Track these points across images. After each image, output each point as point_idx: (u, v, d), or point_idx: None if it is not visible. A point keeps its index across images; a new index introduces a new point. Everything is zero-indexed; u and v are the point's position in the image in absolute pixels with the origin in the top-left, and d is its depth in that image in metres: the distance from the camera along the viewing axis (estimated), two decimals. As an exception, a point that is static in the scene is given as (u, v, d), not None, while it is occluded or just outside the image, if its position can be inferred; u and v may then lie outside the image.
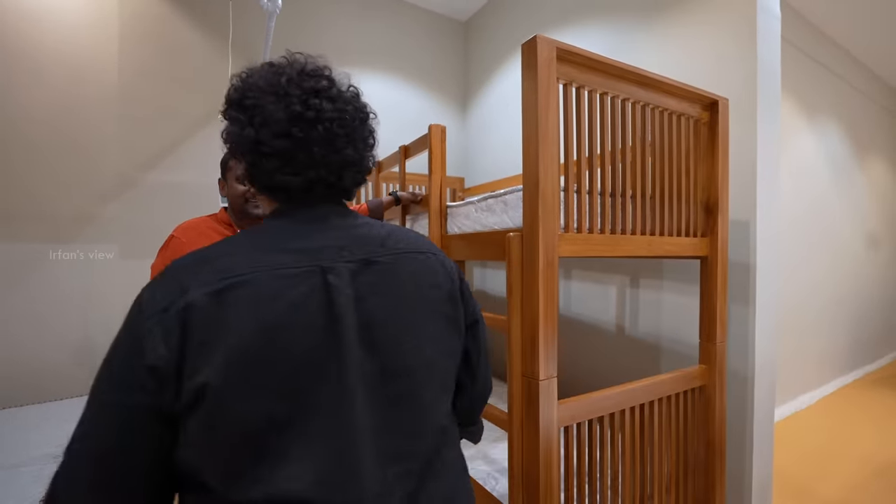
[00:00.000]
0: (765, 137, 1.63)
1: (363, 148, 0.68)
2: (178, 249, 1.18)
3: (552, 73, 1.08)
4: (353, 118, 0.66)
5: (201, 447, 0.50)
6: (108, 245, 2.22)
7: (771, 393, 1.69)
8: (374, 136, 0.71)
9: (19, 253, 2.04)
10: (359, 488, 0.54)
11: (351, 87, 0.69)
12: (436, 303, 0.64)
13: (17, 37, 2.02)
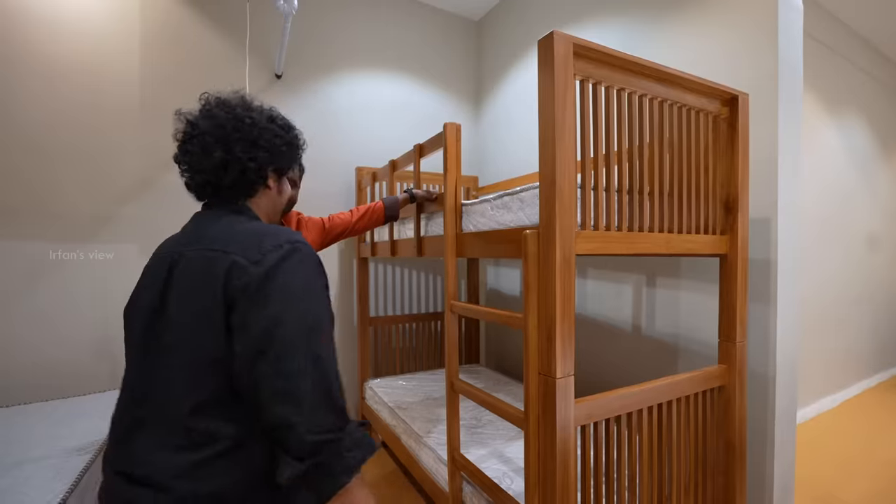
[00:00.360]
0: (786, 133, 1.60)
1: (241, 149, 0.81)
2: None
3: (569, 69, 1.07)
4: (227, 125, 0.81)
5: None
6: (128, 245, 2.27)
7: (793, 394, 1.65)
8: (260, 139, 0.84)
9: (42, 252, 2.09)
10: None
11: (239, 105, 0.86)
12: (203, 297, 0.70)
13: (41, 44, 2.07)
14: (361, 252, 2.62)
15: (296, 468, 0.63)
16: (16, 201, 2.04)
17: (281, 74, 2.57)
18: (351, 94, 2.83)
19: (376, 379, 2.66)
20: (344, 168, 2.79)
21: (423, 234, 1.80)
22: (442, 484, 1.65)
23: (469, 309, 1.43)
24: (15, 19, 2.02)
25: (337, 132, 2.78)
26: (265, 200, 0.90)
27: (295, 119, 2.67)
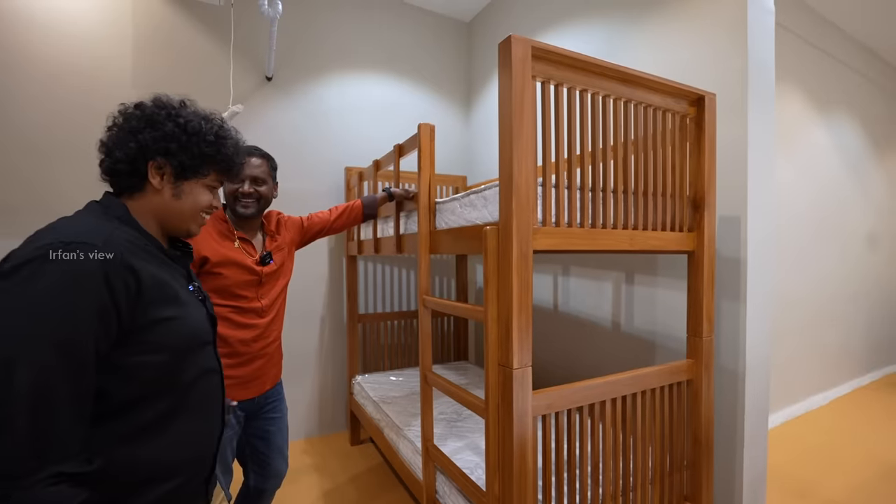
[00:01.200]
0: (757, 132, 1.63)
1: (112, 137, 0.81)
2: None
3: (527, 71, 1.11)
4: (117, 119, 0.82)
5: None
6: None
7: (764, 390, 1.68)
8: (142, 131, 0.79)
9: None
10: None
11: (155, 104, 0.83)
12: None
13: (37, 48, 2.14)
14: (349, 250, 2.67)
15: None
16: (15, 200, 2.11)
17: (271, 77, 2.63)
18: (342, 96, 2.88)
19: (364, 375, 2.71)
20: (334, 168, 2.85)
21: (403, 231, 1.85)
22: (418, 474, 1.70)
23: (439, 303, 1.47)
24: (10, 23, 2.10)
25: (328, 133, 2.84)
26: (150, 201, 0.81)
27: (286, 120, 2.76)
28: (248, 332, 1.38)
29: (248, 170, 1.41)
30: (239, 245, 1.40)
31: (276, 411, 1.51)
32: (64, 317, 0.62)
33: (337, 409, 2.90)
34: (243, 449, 1.49)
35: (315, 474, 2.35)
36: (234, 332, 1.35)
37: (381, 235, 2.10)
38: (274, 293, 1.46)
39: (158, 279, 0.75)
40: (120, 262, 0.68)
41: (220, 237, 1.38)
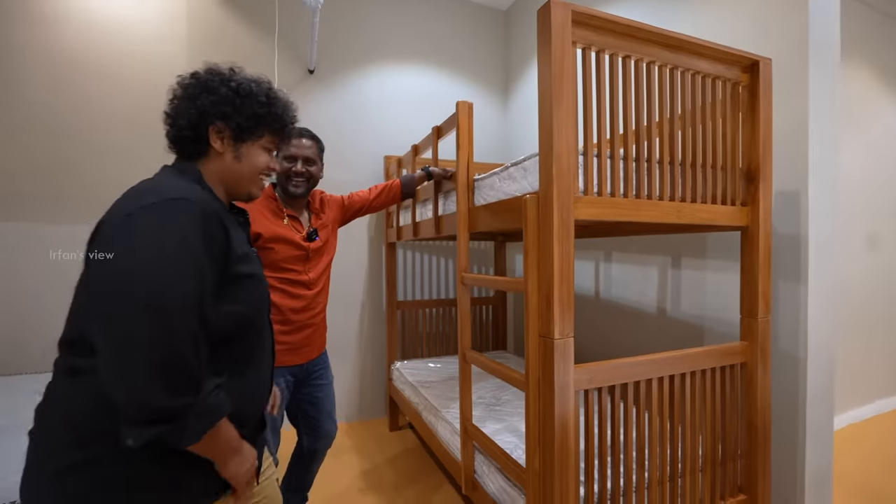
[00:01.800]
0: (819, 101, 1.51)
1: (175, 107, 0.84)
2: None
3: (567, 36, 1.08)
4: (177, 89, 0.86)
5: None
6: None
7: (828, 379, 1.56)
8: (200, 97, 0.83)
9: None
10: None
11: (208, 71, 0.88)
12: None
13: (96, 46, 2.31)
14: (388, 237, 2.71)
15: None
16: (71, 191, 2.29)
17: (313, 70, 2.71)
18: (380, 87, 2.93)
19: (403, 361, 2.73)
20: (373, 158, 2.90)
21: (441, 212, 1.85)
22: (456, 454, 1.69)
23: (477, 279, 1.46)
24: (68, 25, 2.27)
25: (367, 124, 2.89)
26: (215, 165, 0.85)
27: (327, 112, 2.83)
28: (297, 302, 1.47)
29: (300, 150, 1.49)
30: (288, 222, 1.47)
31: (323, 378, 1.61)
32: (191, 261, 0.67)
33: (376, 395, 2.95)
34: (295, 414, 1.60)
35: (354, 456, 2.39)
36: (286, 301, 1.45)
37: (419, 219, 2.11)
38: (320, 268, 1.55)
39: (238, 238, 0.81)
40: (216, 217, 0.73)
41: (271, 215, 1.46)
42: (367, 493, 2.03)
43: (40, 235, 2.23)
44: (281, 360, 1.42)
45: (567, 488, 1.12)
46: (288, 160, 1.48)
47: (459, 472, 1.63)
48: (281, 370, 1.45)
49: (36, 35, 2.21)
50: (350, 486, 2.10)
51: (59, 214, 2.27)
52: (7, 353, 2.18)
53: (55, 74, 2.24)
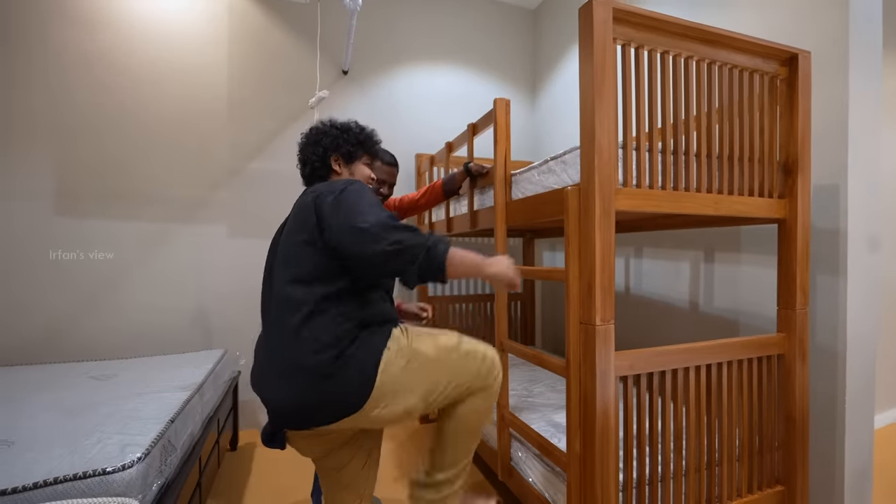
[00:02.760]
0: (859, 94, 1.51)
1: (311, 151, 1.24)
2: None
3: (608, 33, 1.12)
4: (307, 139, 1.27)
5: None
6: (218, 226, 2.59)
7: (869, 373, 1.55)
8: (322, 140, 1.24)
9: (149, 230, 2.46)
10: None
11: (325, 123, 1.28)
12: (299, 214, 1.06)
13: (144, 52, 2.45)
14: (420, 234, 2.77)
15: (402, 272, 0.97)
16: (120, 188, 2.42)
17: (347, 70, 2.80)
18: (410, 87, 3.00)
19: (433, 355, 2.79)
20: (404, 156, 2.97)
21: (477, 207, 1.90)
22: (492, 443, 1.74)
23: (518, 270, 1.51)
24: (116, 30, 2.41)
25: (398, 122, 2.97)
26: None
27: (359, 111, 2.91)
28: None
29: (388, 177, 1.67)
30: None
31: None
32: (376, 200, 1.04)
33: (406, 389, 3.01)
34: None
35: (386, 449, 2.46)
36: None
37: (453, 214, 2.17)
38: None
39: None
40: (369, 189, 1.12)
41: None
42: (400, 481, 2.09)
43: (97, 232, 2.37)
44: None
45: (608, 472, 1.15)
46: (376, 183, 1.62)
47: (495, 459, 1.67)
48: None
49: (84, 39, 2.36)
50: (383, 475, 2.16)
51: (115, 211, 2.40)
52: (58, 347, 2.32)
53: (103, 76, 2.38)
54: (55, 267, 2.32)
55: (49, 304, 2.30)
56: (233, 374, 2.29)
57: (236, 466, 2.19)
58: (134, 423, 1.32)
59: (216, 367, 2.02)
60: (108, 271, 2.39)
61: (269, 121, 2.67)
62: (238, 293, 2.60)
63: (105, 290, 2.38)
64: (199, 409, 1.67)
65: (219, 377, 2.03)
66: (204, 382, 1.79)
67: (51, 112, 2.31)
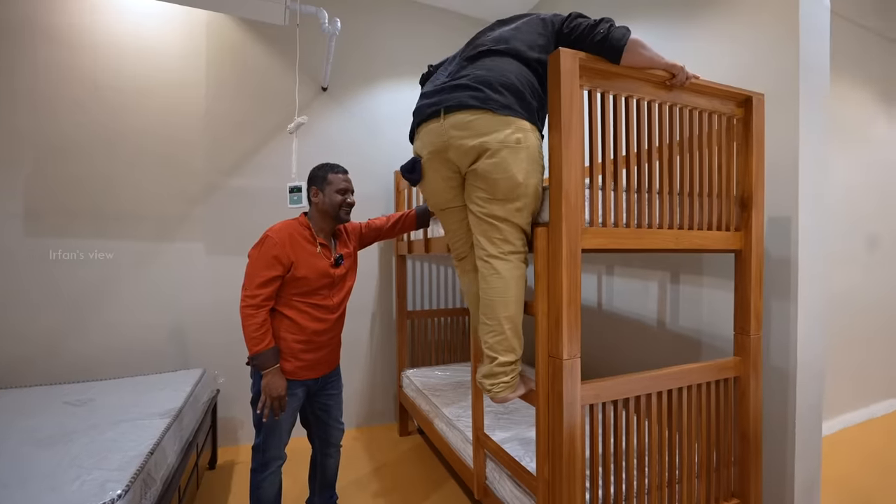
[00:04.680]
0: (809, 132, 1.62)
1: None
2: (272, 246, 1.50)
3: (575, 81, 1.19)
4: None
5: None
6: (195, 243, 2.58)
7: (817, 391, 1.67)
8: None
9: (125, 248, 2.44)
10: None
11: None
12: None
13: (122, 69, 2.42)
14: (399, 250, 2.81)
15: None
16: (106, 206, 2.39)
17: (327, 87, 2.82)
18: (392, 103, 3.04)
19: (413, 369, 2.84)
20: (385, 172, 3.01)
21: (453, 232, 1.95)
22: (468, 461, 1.80)
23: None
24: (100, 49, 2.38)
25: (379, 139, 3.00)
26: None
27: (339, 127, 2.94)
28: (320, 325, 1.60)
29: (349, 184, 1.65)
30: (320, 250, 1.58)
31: (334, 388, 1.75)
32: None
33: (386, 402, 3.06)
34: (307, 419, 1.76)
35: (366, 460, 2.50)
36: (310, 324, 1.57)
37: (431, 236, 2.22)
38: (343, 293, 1.67)
39: None
40: None
41: (305, 243, 1.57)
42: (379, 496, 2.14)
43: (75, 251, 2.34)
44: (299, 375, 1.57)
45: (574, 494, 1.22)
46: (341, 193, 1.61)
47: (471, 478, 1.74)
48: (297, 383, 1.58)
49: (65, 57, 2.32)
50: (363, 489, 2.21)
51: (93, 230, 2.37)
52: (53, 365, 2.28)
53: (82, 94, 2.35)
54: (27, 286, 2.28)
55: (22, 325, 2.26)
56: (212, 395, 2.30)
57: (216, 486, 2.20)
58: (113, 456, 1.34)
59: (195, 390, 2.03)
60: (83, 290, 2.36)
61: (248, 137, 2.67)
62: (216, 311, 2.59)
63: (80, 308, 2.35)
64: (179, 436, 1.68)
65: (197, 400, 2.03)
66: (183, 407, 1.80)
67: (24, 130, 2.26)
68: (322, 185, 1.60)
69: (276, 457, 1.58)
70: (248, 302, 1.46)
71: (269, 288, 1.48)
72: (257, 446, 1.56)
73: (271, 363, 1.47)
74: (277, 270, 1.48)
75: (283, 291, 1.54)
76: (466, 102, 1.23)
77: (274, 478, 1.58)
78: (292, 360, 1.54)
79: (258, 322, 1.45)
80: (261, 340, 1.45)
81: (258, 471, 1.56)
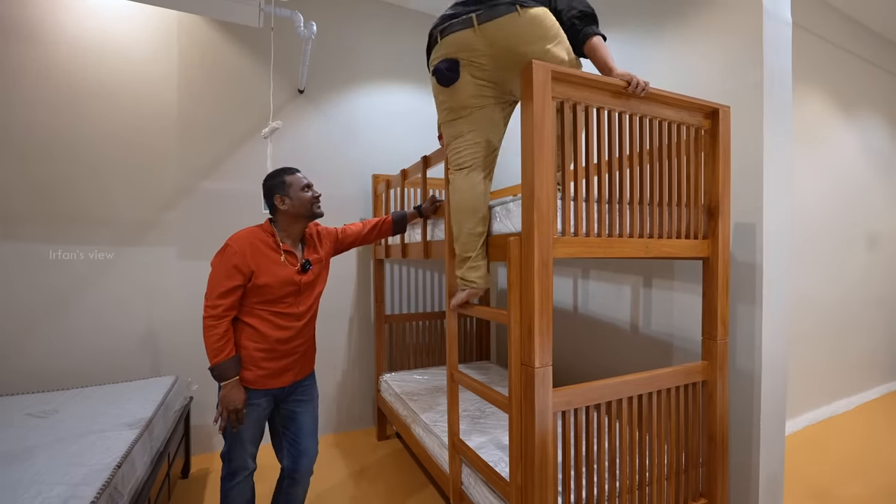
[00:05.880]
0: (772, 142, 1.68)
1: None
2: (232, 255, 1.45)
3: (547, 93, 1.20)
4: None
5: None
6: (167, 247, 2.52)
7: (780, 393, 1.73)
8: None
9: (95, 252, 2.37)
10: None
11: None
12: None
13: (88, 68, 2.35)
14: (377, 254, 2.80)
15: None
16: (69, 210, 2.31)
17: (303, 90, 2.78)
18: (369, 105, 3.02)
19: (391, 373, 2.84)
20: (362, 175, 2.99)
21: (430, 238, 1.96)
22: (444, 467, 1.81)
23: (465, 306, 1.58)
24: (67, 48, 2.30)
25: (356, 141, 2.98)
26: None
27: (316, 130, 2.91)
28: (285, 333, 1.55)
29: (308, 179, 1.61)
30: (285, 259, 1.54)
31: (304, 395, 1.66)
32: None
33: (364, 406, 3.04)
34: (276, 430, 1.65)
35: (344, 465, 2.49)
36: (273, 332, 1.52)
37: (408, 241, 2.22)
38: (310, 300, 1.62)
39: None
40: None
41: (269, 251, 1.52)
42: (357, 501, 2.13)
43: (37, 254, 2.26)
44: (262, 384, 1.52)
45: (546, 499, 1.24)
46: (306, 189, 1.57)
47: (447, 483, 1.74)
48: (260, 392, 1.53)
49: (31, 55, 2.23)
50: (340, 494, 2.19)
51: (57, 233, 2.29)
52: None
53: (49, 94, 2.27)
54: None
55: (-20, 333, 2.18)
56: (184, 402, 2.25)
57: (189, 495, 2.15)
58: (77, 471, 1.30)
59: (166, 398, 1.98)
60: (51, 294, 2.28)
61: (221, 139, 2.62)
62: (190, 316, 2.54)
63: (47, 314, 2.27)
64: (149, 447, 1.64)
65: (169, 408, 1.99)
66: (153, 417, 1.76)
67: (-20, 129, 2.17)
68: (284, 191, 1.55)
69: (242, 467, 1.54)
70: (209, 313, 1.43)
71: (229, 298, 1.44)
72: (223, 455, 1.53)
73: (230, 374, 1.45)
74: (238, 280, 1.45)
75: (245, 300, 1.50)
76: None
77: (243, 487, 1.55)
78: (254, 368, 1.50)
79: (219, 333, 1.42)
80: (220, 351, 1.42)
81: (227, 479, 1.54)
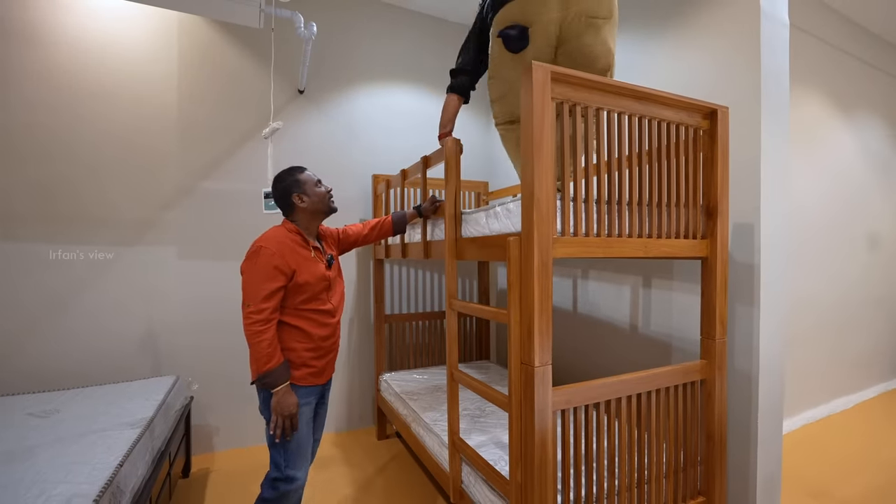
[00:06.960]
0: (770, 143, 1.69)
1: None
2: (270, 256, 1.44)
3: (546, 94, 1.21)
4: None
5: None
6: (168, 247, 2.52)
7: (778, 392, 1.74)
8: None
9: (96, 252, 2.37)
10: None
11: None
12: None
13: (88, 69, 2.35)
14: (377, 254, 2.81)
15: None
16: (68, 211, 2.32)
17: (303, 90, 2.79)
18: (369, 106, 3.03)
19: (391, 372, 2.84)
20: (362, 175, 2.99)
21: (430, 238, 1.97)
22: (444, 466, 1.82)
23: (465, 306, 1.59)
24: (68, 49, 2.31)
25: (356, 141, 2.99)
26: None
27: (316, 130, 2.92)
28: (325, 330, 1.57)
29: (316, 176, 1.63)
30: (314, 254, 1.56)
31: (325, 397, 1.71)
32: None
33: (365, 405, 3.05)
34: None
35: (345, 465, 2.49)
36: (316, 331, 1.54)
37: (408, 241, 2.23)
38: (339, 295, 1.65)
39: None
40: None
41: (301, 249, 1.53)
42: (357, 500, 2.13)
43: (37, 254, 2.26)
44: (309, 381, 1.54)
45: (546, 497, 1.25)
46: (318, 185, 1.60)
47: (447, 482, 1.75)
48: (309, 389, 1.54)
49: (32, 57, 2.24)
50: (340, 493, 2.20)
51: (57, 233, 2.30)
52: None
53: (49, 95, 2.27)
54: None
55: (-19, 333, 2.18)
56: (185, 402, 2.25)
57: (189, 495, 2.16)
58: (79, 469, 1.31)
59: (167, 398, 1.99)
60: (51, 294, 2.28)
61: (221, 140, 2.62)
62: (190, 316, 2.55)
63: (47, 314, 2.27)
64: (150, 446, 1.65)
65: (170, 408, 2.00)
66: (154, 417, 1.76)
67: (-19, 129, 2.18)
68: (301, 188, 1.56)
69: (298, 476, 1.50)
70: (254, 318, 1.39)
71: (273, 300, 1.43)
72: (278, 464, 1.48)
73: (283, 380, 1.43)
74: (280, 281, 1.44)
75: (285, 301, 1.49)
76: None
77: (296, 495, 1.53)
78: (303, 367, 1.51)
79: (269, 338, 1.40)
80: (271, 357, 1.40)
81: (282, 482, 1.48)
